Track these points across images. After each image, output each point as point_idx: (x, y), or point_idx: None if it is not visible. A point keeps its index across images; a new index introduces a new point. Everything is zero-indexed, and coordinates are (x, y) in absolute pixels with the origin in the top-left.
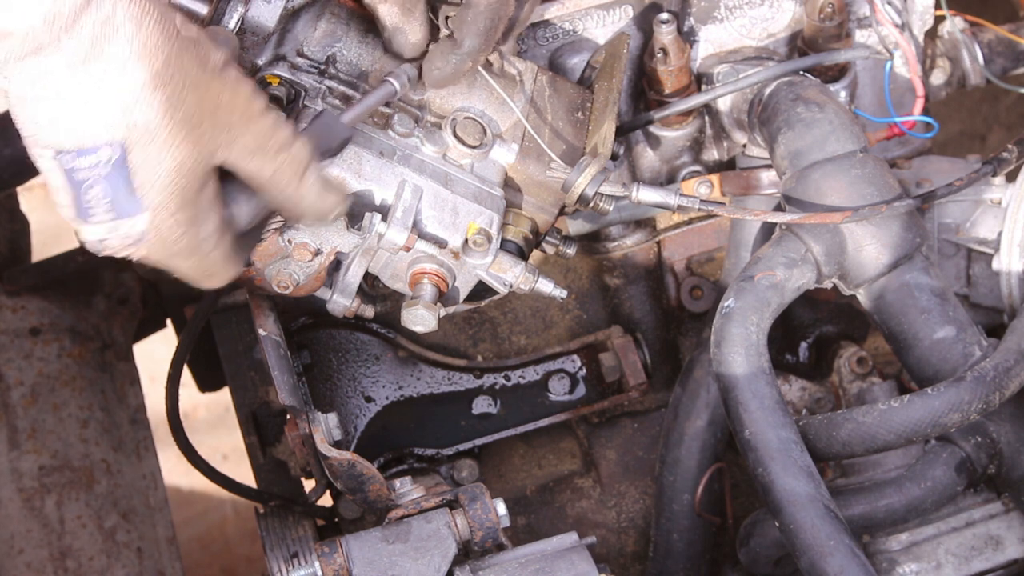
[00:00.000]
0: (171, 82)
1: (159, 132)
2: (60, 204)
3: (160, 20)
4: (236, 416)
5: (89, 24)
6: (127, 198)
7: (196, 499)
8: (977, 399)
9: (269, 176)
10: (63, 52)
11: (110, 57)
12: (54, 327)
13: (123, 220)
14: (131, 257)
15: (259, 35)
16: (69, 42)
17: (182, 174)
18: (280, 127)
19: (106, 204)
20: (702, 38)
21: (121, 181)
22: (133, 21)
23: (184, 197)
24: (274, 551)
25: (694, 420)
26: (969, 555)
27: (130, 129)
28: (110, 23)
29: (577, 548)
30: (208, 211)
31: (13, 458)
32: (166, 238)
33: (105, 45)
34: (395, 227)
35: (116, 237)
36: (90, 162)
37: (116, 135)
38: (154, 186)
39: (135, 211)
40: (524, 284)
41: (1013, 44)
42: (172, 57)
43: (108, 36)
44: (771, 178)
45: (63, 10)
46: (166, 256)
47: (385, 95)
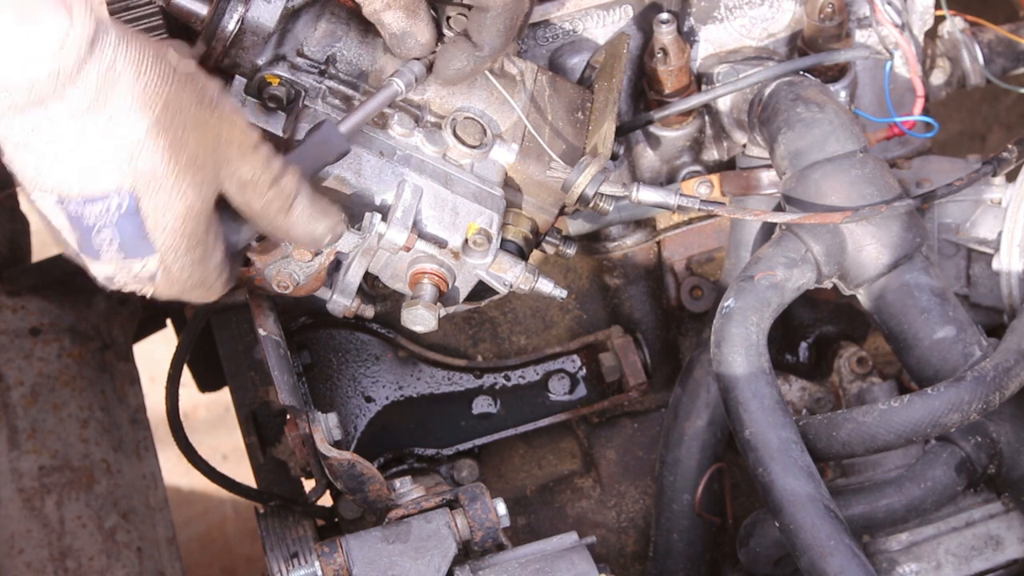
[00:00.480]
0: (172, 125)
1: (166, 178)
2: (64, 242)
3: (156, 62)
4: (236, 416)
5: (94, 73)
6: (138, 241)
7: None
8: (977, 399)
9: (258, 209)
10: (67, 102)
11: (113, 106)
12: (54, 327)
13: (134, 260)
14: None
15: (259, 35)
16: (73, 92)
17: (191, 216)
18: (272, 160)
19: (116, 246)
20: (702, 38)
21: (132, 227)
22: (134, 67)
23: (194, 237)
24: (274, 551)
25: (694, 420)
26: (969, 555)
27: (137, 177)
28: (112, 70)
29: (577, 548)
30: (215, 246)
31: (13, 458)
32: (177, 277)
33: (109, 93)
34: (395, 227)
35: (126, 275)
36: (98, 209)
37: (124, 184)
38: (165, 230)
39: (146, 253)
40: (524, 284)
41: (1013, 44)
42: (171, 99)
43: (111, 84)
44: (771, 178)
45: (68, 63)
46: (176, 293)
47: (389, 96)
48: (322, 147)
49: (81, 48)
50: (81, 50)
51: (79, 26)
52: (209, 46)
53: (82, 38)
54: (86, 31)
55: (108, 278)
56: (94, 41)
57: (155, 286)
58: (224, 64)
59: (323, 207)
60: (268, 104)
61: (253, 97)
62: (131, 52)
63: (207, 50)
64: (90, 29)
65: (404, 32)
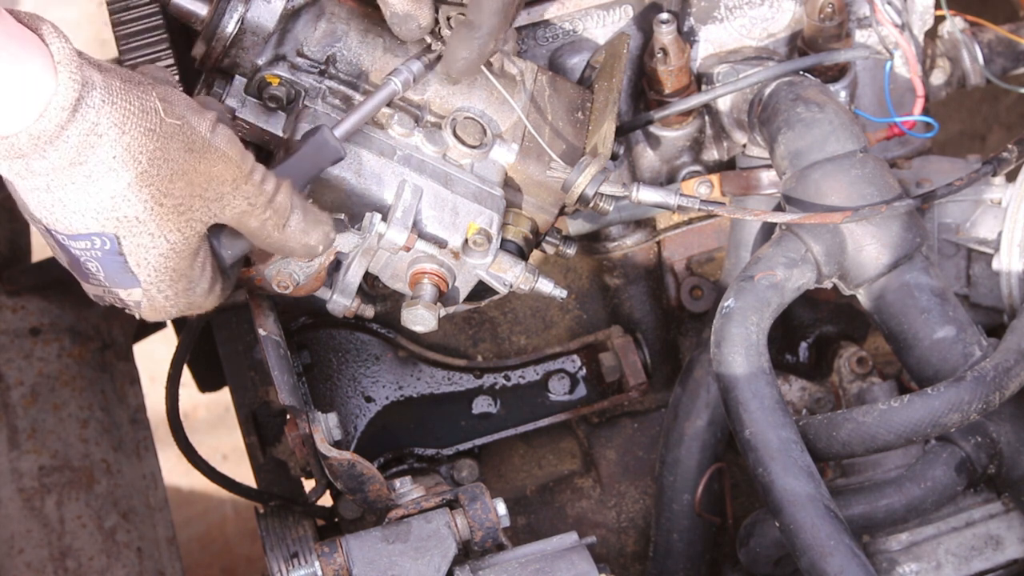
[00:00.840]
0: (157, 176)
1: (148, 223)
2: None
3: (142, 116)
4: (236, 416)
5: (75, 135)
6: (122, 275)
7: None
8: (977, 399)
9: (254, 229)
10: (47, 159)
11: (95, 162)
12: (54, 327)
13: (119, 289)
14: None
15: (259, 35)
16: (54, 153)
17: (174, 254)
18: (266, 182)
19: (102, 275)
20: (702, 38)
21: (115, 263)
22: (116, 127)
23: (177, 272)
24: (274, 551)
25: (694, 420)
26: (969, 555)
27: (119, 222)
28: (94, 131)
29: (577, 548)
30: (201, 275)
31: (13, 458)
32: (161, 305)
33: (89, 152)
34: (395, 227)
35: (113, 299)
36: (83, 245)
37: (106, 228)
38: (147, 267)
39: (131, 285)
40: (524, 284)
41: (1013, 44)
42: (157, 153)
43: (92, 144)
44: (771, 178)
45: (49, 127)
46: (163, 317)
47: (387, 96)
48: (318, 152)
49: (63, 114)
50: (63, 116)
51: (63, 91)
52: (209, 46)
53: (65, 105)
54: (70, 97)
55: (97, 297)
56: (77, 104)
57: (140, 312)
58: (224, 64)
59: (315, 216)
60: (268, 104)
61: (253, 97)
62: (115, 112)
63: (207, 50)
64: (74, 94)
65: (407, 13)
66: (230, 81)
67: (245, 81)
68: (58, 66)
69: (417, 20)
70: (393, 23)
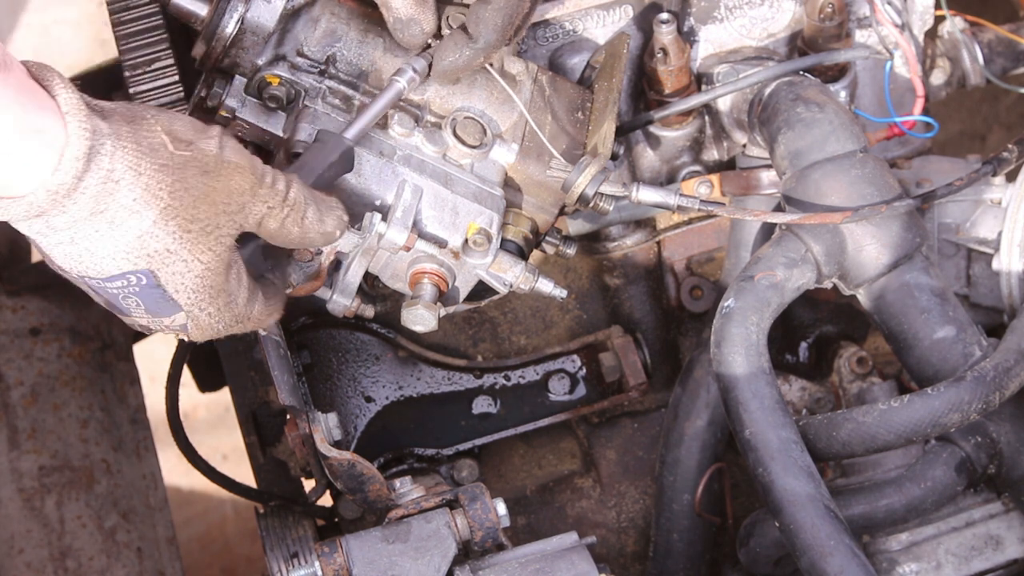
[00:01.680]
0: (181, 207)
1: (180, 252)
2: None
3: (153, 154)
4: (236, 416)
5: (92, 185)
6: (162, 304)
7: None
8: (977, 399)
9: (275, 230)
10: (68, 213)
11: (116, 207)
12: (54, 327)
13: (163, 318)
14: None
15: (259, 35)
16: (73, 206)
17: (210, 272)
18: (277, 181)
19: (143, 309)
20: (702, 38)
21: (153, 295)
22: (132, 170)
23: (215, 289)
24: (274, 551)
25: (694, 420)
26: (969, 555)
27: (151, 257)
28: (111, 178)
29: (577, 548)
30: (238, 286)
31: (13, 458)
32: (207, 324)
33: (109, 200)
34: (395, 227)
35: (159, 327)
36: (119, 285)
37: (139, 265)
38: (185, 291)
39: (173, 312)
40: (524, 284)
41: (1013, 44)
42: (176, 185)
43: (111, 192)
44: (771, 178)
45: (66, 179)
46: (212, 335)
47: (394, 96)
48: (325, 155)
49: (78, 165)
50: (77, 167)
51: (75, 142)
52: (209, 46)
53: (78, 155)
54: (82, 147)
55: (143, 327)
56: (90, 154)
57: (188, 335)
58: (224, 64)
59: (326, 203)
60: (268, 104)
61: (253, 97)
62: (127, 156)
63: (207, 50)
64: (86, 144)
65: (411, 18)
66: (230, 81)
67: (245, 81)
68: (67, 116)
69: (421, 25)
70: (396, 28)
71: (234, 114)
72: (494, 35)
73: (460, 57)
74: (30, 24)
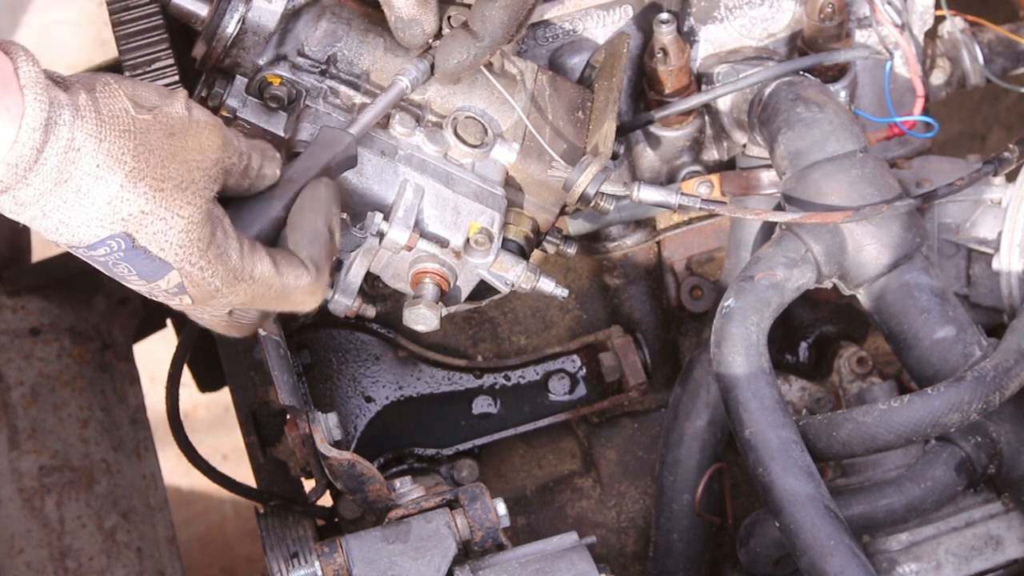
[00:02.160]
0: (148, 168)
1: (156, 211)
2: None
3: (114, 120)
4: (236, 416)
5: (52, 155)
6: (151, 265)
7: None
8: (977, 399)
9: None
10: (31, 187)
11: (80, 175)
12: (54, 327)
13: (157, 280)
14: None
15: (260, 35)
16: (35, 178)
17: (193, 225)
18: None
19: (135, 274)
20: (702, 38)
21: (139, 257)
22: (92, 138)
23: (202, 241)
24: (274, 551)
25: (694, 420)
26: (969, 555)
27: (126, 221)
28: (71, 147)
29: (577, 548)
30: (226, 238)
31: (13, 458)
32: (202, 279)
33: (72, 168)
34: (397, 226)
35: (157, 291)
36: (102, 252)
37: (115, 229)
38: (171, 247)
39: (164, 271)
40: (525, 283)
41: (1013, 44)
42: (139, 148)
43: (72, 160)
44: (771, 178)
45: (24, 152)
46: (211, 295)
47: (397, 95)
48: (327, 151)
49: (35, 136)
50: (36, 137)
51: (31, 114)
52: (209, 46)
53: (34, 127)
54: (38, 118)
55: (148, 293)
56: (48, 124)
57: (188, 294)
58: (225, 64)
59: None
60: (269, 104)
61: (254, 97)
62: (87, 124)
63: (207, 50)
64: (42, 114)
65: (412, 18)
66: (231, 81)
67: (246, 81)
68: (24, 89)
69: (422, 26)
70: (397, 28)
71: (235, 114)
72: (500, 32)
73: (466, 58)
74: (30, 24)
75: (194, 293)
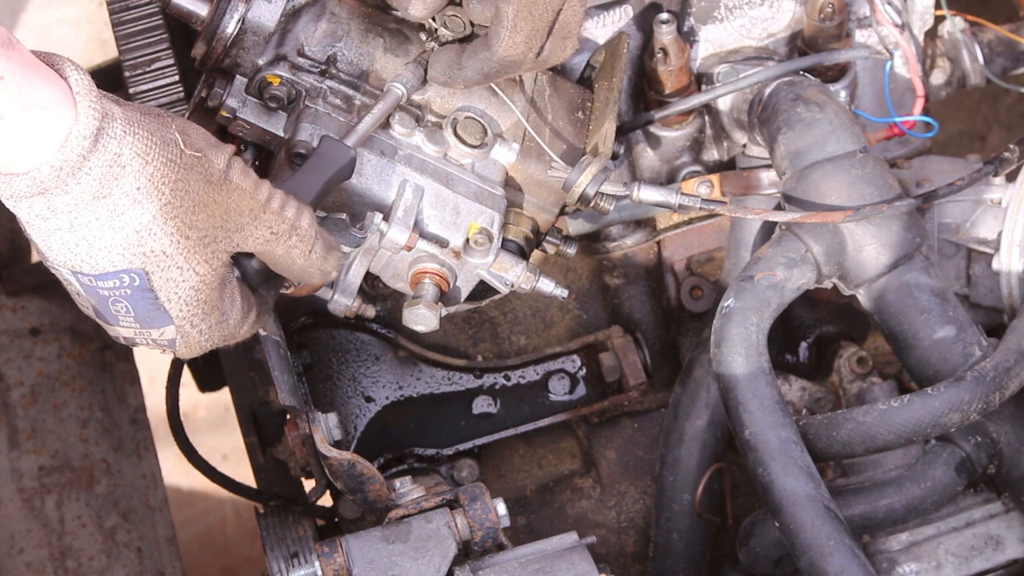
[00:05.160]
0: (181, 208)
1: (175, 257)
2: (81, 306)
3: (164, 147)
4: (236, 416)
5: (98, 166)
6: (152, 312)
7: (196, 499)
8: (977, 399)
9: (280, 257)
10: (70, 194)
11: (119, 194)
12: (54, 327)
13: (152, 329)
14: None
15: (260, 35)
16: (77, 186)
17: (204, 286)
18: (286, 208)
19: (132, 316)
20: (702, 38)
21: (145, 300)
22: (140, 157)
23: (208, 305)
24: (274, 551)
25: (694, 420)
26: (969, 555)
27: (147, 257)
28: (117, 162)
29: (577, 548)
30: (231, 305)
31: (13, 458)
32: (196, 341)
33: (113, 184)
34: (396, 226)
35: (145, 339)
36: (111, 284)
37: (134, 264)
38: (179, 301)
39: (163, 323)
40: (525, 283)
41: (1013, 44)
42: (179, 184)
43: (116, 176)
44: (771, 178)
45: (71, 157)
46: (198, 353)
47: (392, 103)
48: (331, 162)
49: (84, 144)
50: (84, 145)
51: (84, 121)
52: (209, 46)
53: (86, 134)
54: (90, 126)
55: (128, 340)
56: (98, 135)
57: (176, 351)
58: (224, 64)
59: (330, 242)
60: (269, 104)
61: (254, 97)
62: (137, 142)
63: (207, 50)
64: (95, 123)
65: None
66: (231, 81)
67: (246, 81)
68: (77, 96)
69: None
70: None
71: (235, 114)
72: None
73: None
74: (30, 24)
75: (182, 351)
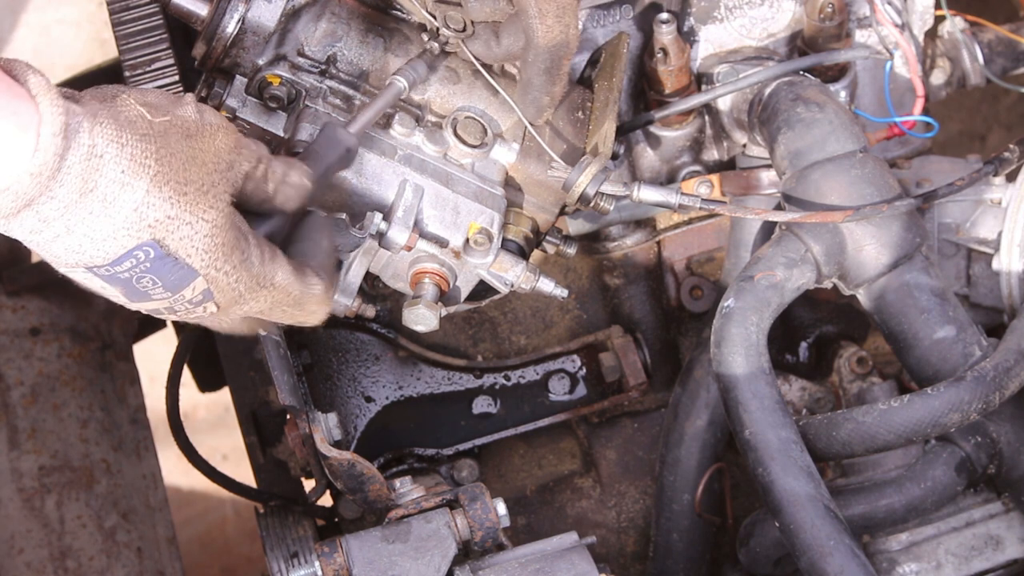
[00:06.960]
0: (171, 172)
1: (181, 215)
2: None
3: (132, 126)
4: (236, 416)
5: (75, 163)
6: (178, 273)
7: (196, 499)
8: (977, 399)
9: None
10: (56, 199)
11: (105, 183)
12: (54, 327)
13: (184, 290)
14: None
15: (260, 35)
16: (60, 189)
17: (217, 230)
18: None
19: (160, 286)
20: (702, 38)
21: (167, 266)
22: (114, 143)
23: (227, 245)
24: (274, 551)
25: (694, 420)
26: (969, 555)
27: (153, 228)
28: (94, 153)
29: (577, 548)
30: (247, 244)
31: (13, 458)
32: (226, 286)
33: (96, 176)
34: (396, 226)
35: (182, 305)
36: (129, 265)
37: (143, 238)
38: (198, 252)
39: (190, 279)
40: (525, 283)
41: (1013, 44)
42: (161, 151)
43: (96, 167)
44: (771, 178)
45: (47, 159)
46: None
47: (394, 95)
48: (329, 147)
49: (57, 141)
50: (57, 143)
51: (49, 119)
52: (209, 46)
53: (55, 131)
54: (57, 122)
55: (168, 310)
56: (67, 130)
57: (214, 303)
58: (224, 64)
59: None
60: (269, 104)
61: (254, 97)
62: (107, 130)
63: (207, 50)
64: (61, 119)
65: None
66: (231, 81)
67: (246, 81)
68: (37, 97)
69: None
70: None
71: (235, 114)
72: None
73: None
74: (30, 24)
75: (220, 299)
